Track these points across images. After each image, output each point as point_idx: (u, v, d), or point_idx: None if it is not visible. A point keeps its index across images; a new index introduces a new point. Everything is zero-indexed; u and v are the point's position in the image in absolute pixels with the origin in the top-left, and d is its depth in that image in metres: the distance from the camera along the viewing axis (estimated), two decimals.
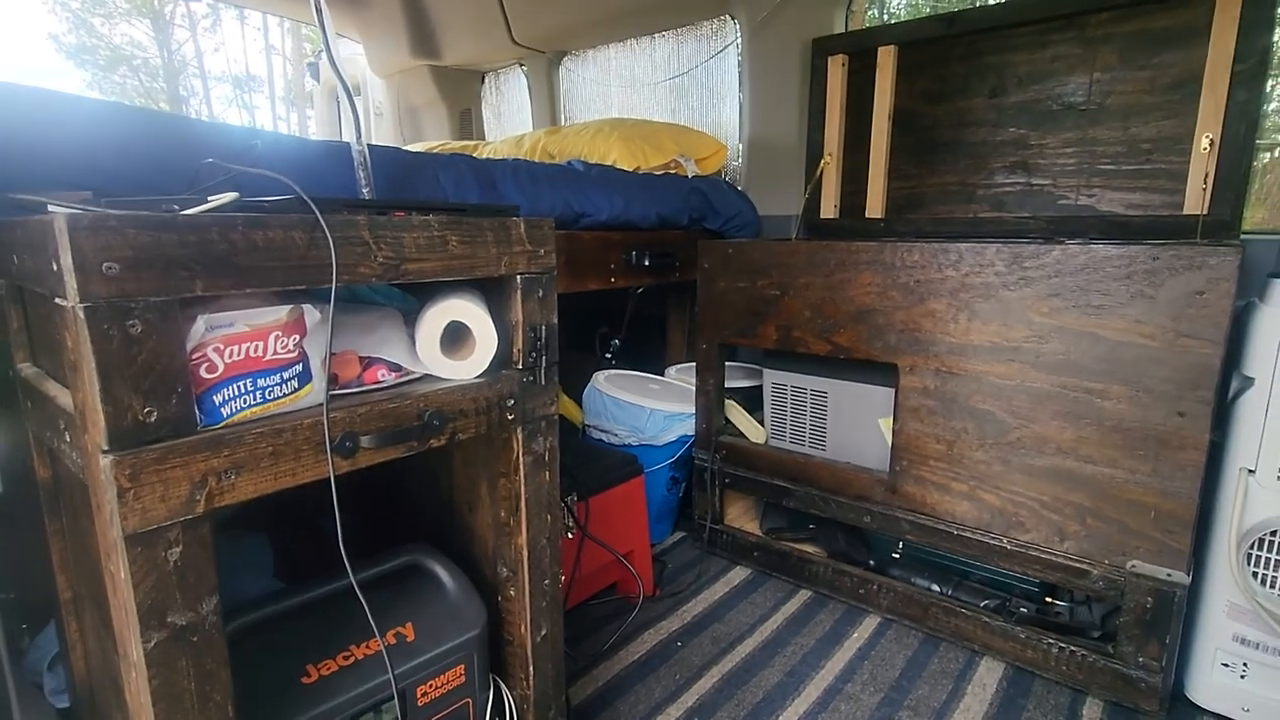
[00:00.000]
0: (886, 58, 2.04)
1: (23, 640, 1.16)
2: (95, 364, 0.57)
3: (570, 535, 1.52)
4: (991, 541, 1.46)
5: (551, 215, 1.63)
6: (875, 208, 2.14)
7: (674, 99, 2.93)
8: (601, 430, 2.01)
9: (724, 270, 1.80)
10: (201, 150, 0.98)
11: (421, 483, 1.19)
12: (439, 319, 0.89)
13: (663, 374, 2.31)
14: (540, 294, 0.95)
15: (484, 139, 3.70)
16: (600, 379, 2.08)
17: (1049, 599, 1.51)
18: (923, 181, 2.09)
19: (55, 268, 0.57)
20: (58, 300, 0.60)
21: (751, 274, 1.74)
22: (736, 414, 1.95)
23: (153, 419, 0.60)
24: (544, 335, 0.96)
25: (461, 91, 3.72)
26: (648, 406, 1.94)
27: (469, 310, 0.90)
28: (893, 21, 2.15)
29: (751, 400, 1.99)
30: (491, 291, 0.96)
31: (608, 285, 1.84)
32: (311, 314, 0.75)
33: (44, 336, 0.83)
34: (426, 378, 0.90)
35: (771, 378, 1.84)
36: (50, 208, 0.64)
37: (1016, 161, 1.91)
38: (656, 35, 2.89)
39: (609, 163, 2.08)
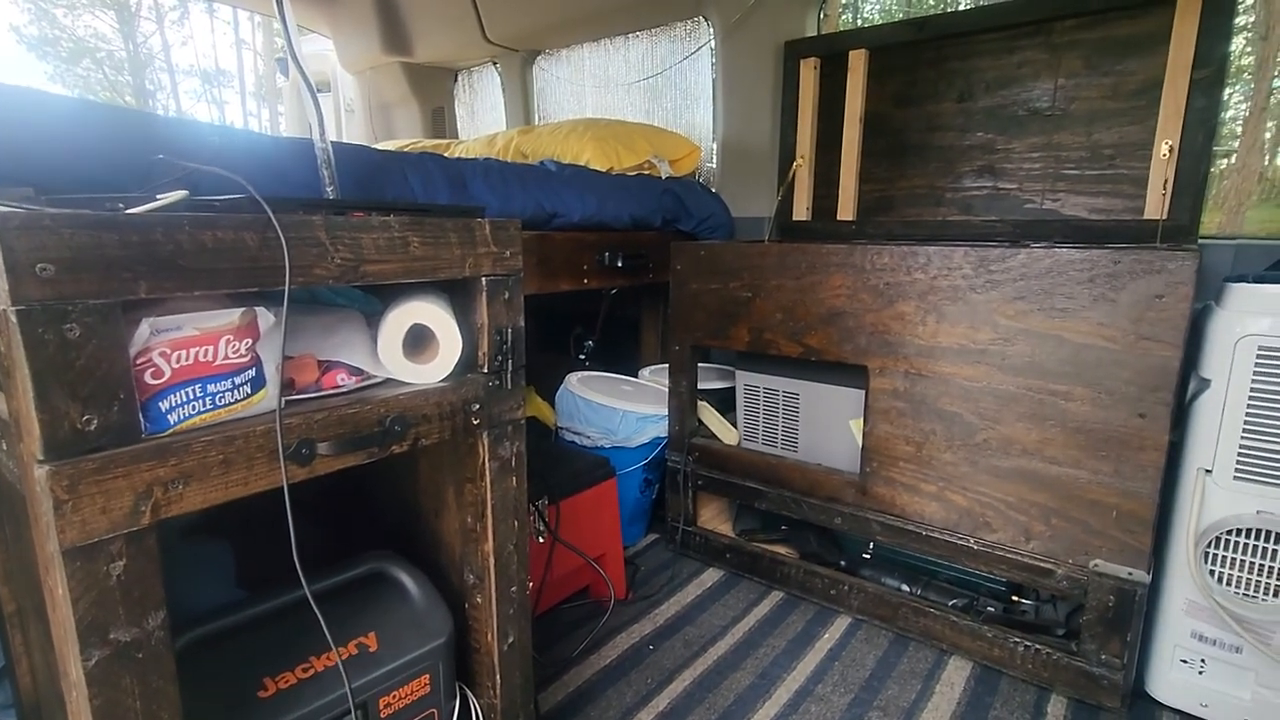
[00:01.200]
0: (858, 61, 2.06)
1: None
2: (29, 369, 0.54)
3: (541, 540, 1.51)
4: (959, 542, 1.47)
5: (523, 215, 1.61)
6: (846, 210, 2.16)
7: (648, 100, 2.92)
8: (574, 432, 1.99)
9: (696, 272, 1.80)
10: (164, 147, 0.95)
11: (387, 488, 1.16)
12: (401, 321, 0.87)
13: (636, 375, 2.30)
14: (506, 296, 0.93)
15: (457, 137, 3.66)
16: (573, 380, 2.06)
17: (1015, 598, 1.53)
18: (893, 184, 2.10)
19: None
20: None
21: (723, 276, 1.74)
22: (709, 416, 1.95)
23: (92, 427, 0.58)
24: (510, 338, 0.94)
25: (434, 89, 3.67)
26: (620, 408, 1.93)
27: (433, 313, 0.88)
28: (865, 25, 2.17)
29: (724, 402, 1.99)
30: (456, 293, 0.94)
31: (580, 286, 1.83)
32: (265, 317, 0.72)
33: None
34: (389, 382, 0.88)
35: (744, 379, 1.84)
36: None
37: (984, 165, 1.93)
38: (630, 36, 2.88)
39: (582, 163, 2.06)
